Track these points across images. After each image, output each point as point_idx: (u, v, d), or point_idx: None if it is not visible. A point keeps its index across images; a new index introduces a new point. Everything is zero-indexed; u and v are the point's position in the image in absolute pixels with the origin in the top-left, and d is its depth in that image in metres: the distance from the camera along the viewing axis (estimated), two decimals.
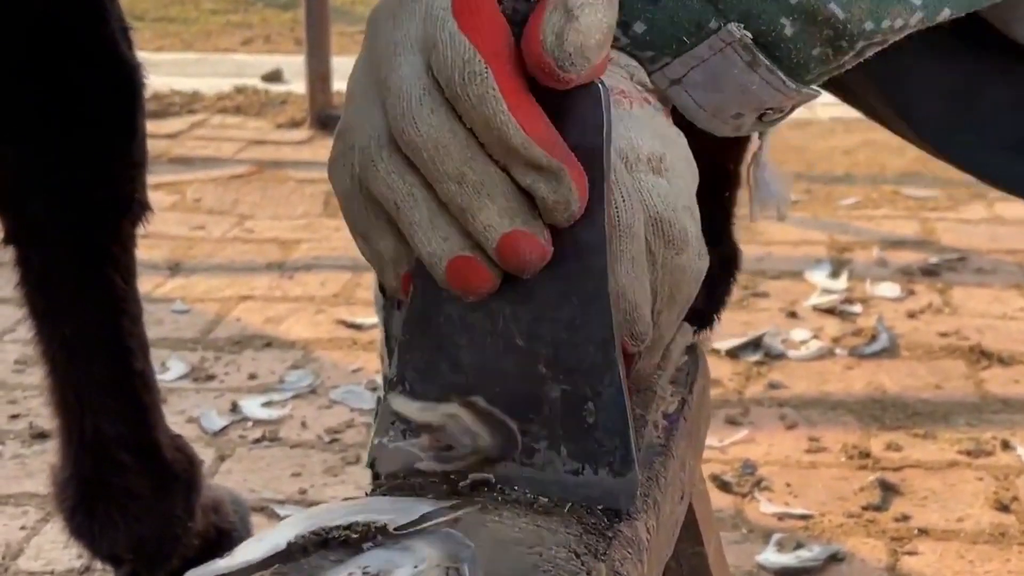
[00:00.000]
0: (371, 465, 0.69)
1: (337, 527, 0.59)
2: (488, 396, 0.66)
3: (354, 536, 0.60)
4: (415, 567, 0.56)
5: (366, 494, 0.66)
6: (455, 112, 0.61)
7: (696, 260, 0.70)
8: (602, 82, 0.63)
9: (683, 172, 0.70)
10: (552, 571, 0.58)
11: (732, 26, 0.69)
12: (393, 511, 0.61)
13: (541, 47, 0.60)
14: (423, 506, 0.62)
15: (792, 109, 0.76)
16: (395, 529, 0.59)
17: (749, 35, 0.70)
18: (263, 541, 0.59)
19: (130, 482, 1.36)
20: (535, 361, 0.65)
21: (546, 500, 0.64)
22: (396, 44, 0.64)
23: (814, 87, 0.74)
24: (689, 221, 0.69)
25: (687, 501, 0.79)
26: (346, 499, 0.64)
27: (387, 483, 0.68)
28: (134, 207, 1.31)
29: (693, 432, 0.79)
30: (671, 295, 0.70)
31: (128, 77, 1.28)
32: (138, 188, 1.31)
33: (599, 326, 0.64)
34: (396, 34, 0.64)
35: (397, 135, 0.62)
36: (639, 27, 0.71)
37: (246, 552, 0.59)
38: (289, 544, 0.59)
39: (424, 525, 0.60)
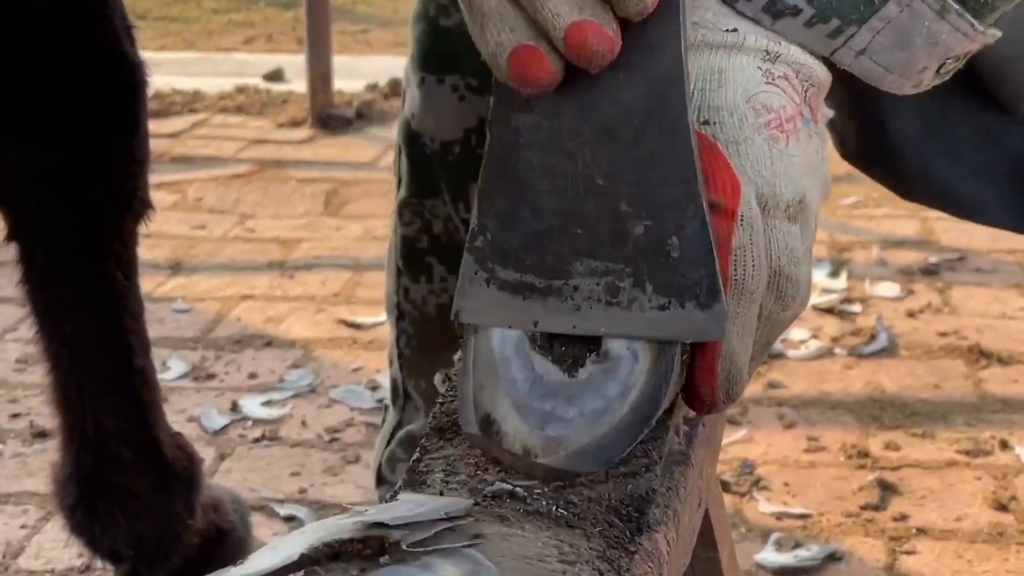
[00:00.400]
0: (456, 316, 0.68)
1: (351, 540, 0.58)
2: (571, 238, 0.65)
3: (367, 552, 0.59)
4: None
5: (385, 499, 0.65)
6: None
7: (799, 311, 0.70)
8: None
9: (815, 207, 0.69)
10: None
11: None
12: (409, 522, 0.60)
13: None
14: (441, 521, 0.61)
15: (967, 56, 0.74)
16: (409, 545, 0.58)
17: None
18: (277, 551, 0.58)
19: (131, 480, 1.37)
20: (617, 199, 0.64)
21: (567, 512, 0.63)
22: None
23: (993, 28, 0.72)
24: (805, 272, 0.69)
25: (704, 507, 0.78)
26: (360, 505, 0.62)
27: (408, 485, 0.66)
28: (136, 205, 1.31)
29: (711, 437, 0.78)
30: (765, 345, 0.71)
31: (130, 75, 1.28)
32: (140, 186, 1.31)
33: (680, 160, 0.64)
34: None
35: None
36: None
37: (259, 562, 0.58)
38: (302, 556, 0.58)
39: (444, 545, 0.59)
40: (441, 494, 0.65)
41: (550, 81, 0.63)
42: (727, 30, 0.69)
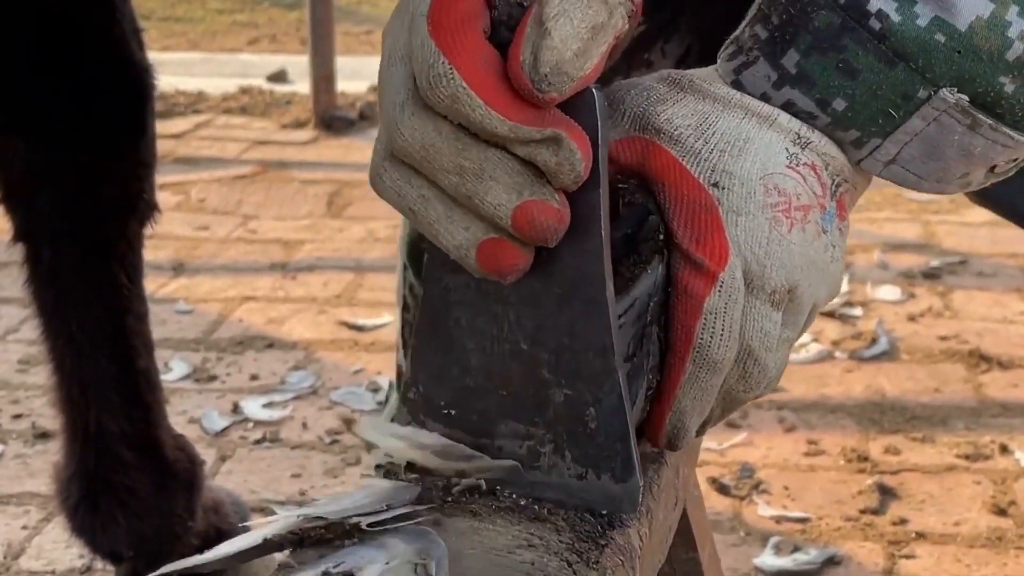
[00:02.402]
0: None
1: (314, 526, 0.60)
2: (496, 399, 0.67)
3: (328, 536, 0.60)
4: (386, 563, 0.58)
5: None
6: (437, 112, 0.61)
7: (761, 393, 0.70)
8: (597, 88, 0.63)
9: (809, 301, 0.69)
10: None
11: (944, 92, 0.66)
12: (374, 507, 0.62)
13: (520, 68, 0.60)
14: (405, 507, 0.63)
15: None
16: (368, 525, 0.60)
17: (965, 98, 0.66)
18: (245, 538, 0.61)
19: (132, 480, 1.38)
20: (539, 365, 0.66)
21: (538, 508, 0.65)
22: (390, 55, 0.65)
23: None
24: (777, 360, 0.69)
25: (680, 507, 0.79)
26: (334, 495, 0.65)
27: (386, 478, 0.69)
28: (141, 207, 1.32)
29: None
30: (720, 415, 0.71)
31: (138, 78, 1.29)
32: (146, 188, 1.32)
33: (598, 332, 0.65)
34: (389, 45, 0.65)
35: (392, 145, 0.63)
36: (839, 104, 0.67)
37: (224, 548, 0.60)
38: (265, 540, 0.60)
39: (400, 524, 0.61)
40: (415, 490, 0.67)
41: (524, 264, 0.64)
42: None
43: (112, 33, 1.26)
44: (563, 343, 0.65)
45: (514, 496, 0.66)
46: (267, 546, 0.61)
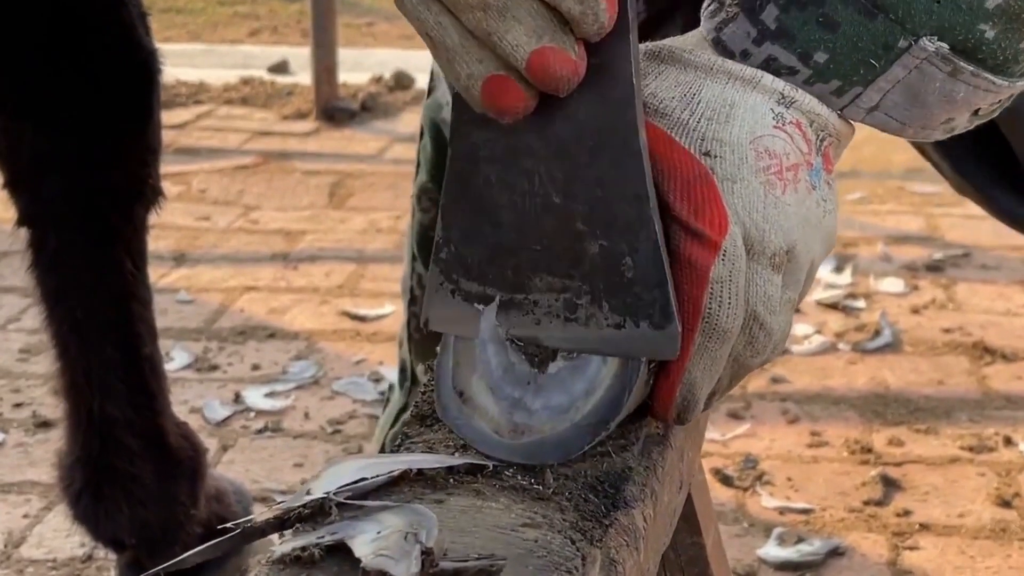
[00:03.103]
0: (426, 324, 0.70)
1: (298, 507, 0.60)
2: (529, 254, 0.66)
3: (307, 513, 0.61)
4: (378, 532, 0.58)
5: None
6: None
7: (769, 358, 0.70)
8: None
9: (807, 260, 0.69)
10: (546, 556, 0.58)
11: (924, 41, 0.66)
12: (370, 484, 0.62)
13: None
14: (405, 486, 0.63)
15: (1011, 97, 0.72)
16: (349, 499, 0.61)
17: (945, 46, 0.66)
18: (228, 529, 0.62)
19: (136, 466, 1.37)
20: (573, 218, 0.65)
21: (542, 487, 0.64)
22: None
23: None
24: (781, 322, 0.69)
25: (685, 491, 0.79)
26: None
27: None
28: (147, 192, 1.31)
29: (692, 424, 0.79)
30: (729, 384, 0.71)
31: (144, 62, 1.28)
32: (152, 174, 1.31)
33: (632, 182, 0.64)
34: None
35: None
36: (820, 57, 0.67)
37: (206, 547, 0.61)
38: (244, 528, 0.61)
39: (396, 504, 0.61)
40: (420, 472, 0.66)
41: (524, 107, 0.63)
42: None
43: (119, 18, 1.26)
44: (596, 194, 0.65)
45: (519, 476, 0.66)
46: (247, 533, 0.61)
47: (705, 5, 0.71)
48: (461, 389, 0.68)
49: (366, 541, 0.57)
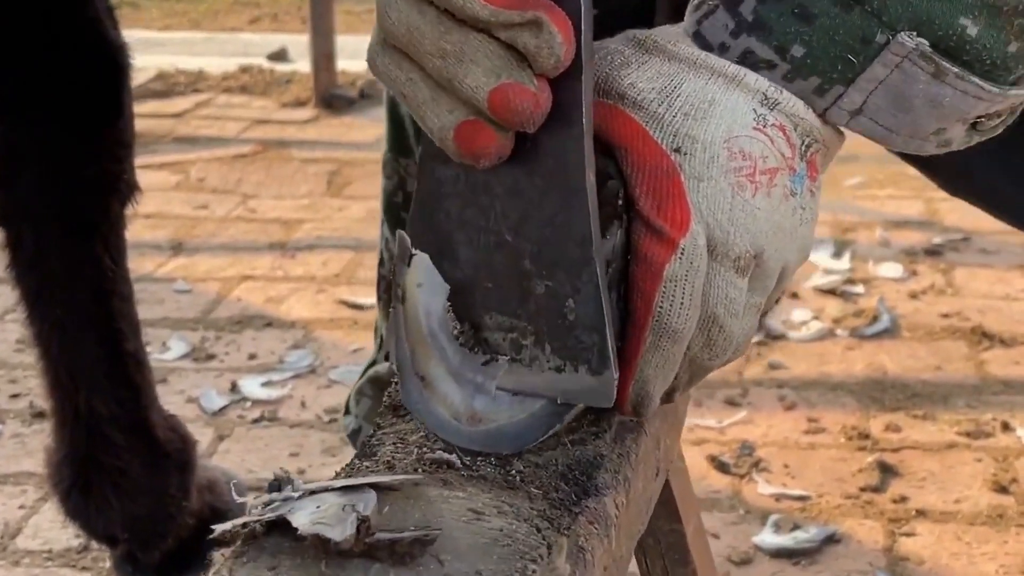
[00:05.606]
0: (387, 357, 0.72)
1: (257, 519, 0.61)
2: (482, 292, 0.67)
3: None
4: (317, 507, 0.59)
5: (335, 474, 0.67)
6: None
7: (730, 359, 0.69)
8: None
9: (776, 266, 0.67)
10: (511, 545, 0.58)
11: (903, 36, 0.64)
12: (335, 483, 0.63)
13: None
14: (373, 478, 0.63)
15: (1014, 112, 0.68)
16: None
17: (926, 42, 0.64)
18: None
19: (124, 461, 1.37)
20: (522, 257, 0.66)
21: (511, 476, 0.64)
22: None
23: (1019, 88, 0.66)
24: (743, 327, 0.68)
25: (662, 478, 0.79)
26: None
27: (360, 457, 0.68)
28: (122, 187, 1.31)
29: (670, 411, 0.78)
30: (689, 382, 0.70)
31: (113, 57, 1.28)
32: (126, 168, 1.31)
33: (578, 222, 0.64)
34: None
35: (382, 29, 0.65)
36: (797, 50, 0.66)
37: None
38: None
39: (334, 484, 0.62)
40: (389, 463, 0.66)
41: (498, 149, 0.63)
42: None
43: (85, 12, 1.25)
44: (545, 234, 0.65)
45: (490, 469, 0.65)
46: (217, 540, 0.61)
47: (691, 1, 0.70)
48: (422, 374, 0.69)
49: (305, 515, 0.58)
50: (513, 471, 0.65)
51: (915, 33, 0.64)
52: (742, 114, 0.66)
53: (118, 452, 1.35)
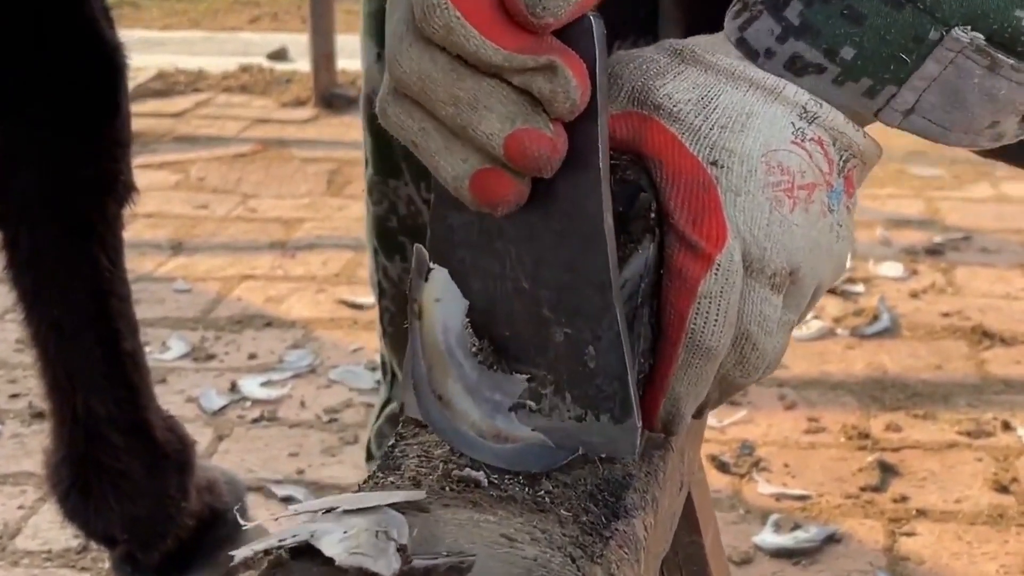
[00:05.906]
0: (401, 409, 0.70)
1: (280, 544, 0.58)
2: (499, 339, 0.65)
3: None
4: (344, 532, 0.56)
5: (358, 487, 0.65)
6: (434, 43, 0.60)
7: (761, 377, 0.68)
8: (595, 15, 0.61)
9: (811, 284, 0.66)
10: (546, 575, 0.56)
11: (957, 31, 0.63)
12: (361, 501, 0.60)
13: None
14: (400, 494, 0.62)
15: None
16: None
17: (981, 36, 0.63)
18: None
19: (123, 462, 1.37)
20: (540, 304, 0.64)
21: (540, 497, 0.63)
22: None
23: None
24: (776, 345, 0.67)
25: (685, 491, 0.77)
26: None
27: (383, 470, 0.66)
28: (119, 188, 1.31)
29: (693, 421, 0.77)
30: (719, 399, 0.69)
31: (109, 57, 1.27)
32: (123, 169, 1.30)
33: (597, 269, 0.63)
34: None
35: (393, 78, 0.62)
36: (847, 52, 0.64)
37: None
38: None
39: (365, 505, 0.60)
40: (415, 479, 0.64)
41: (516, 196, 0.62)
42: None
43: (81, 13, 1.25)
44: (563, 280, 0.63)
45: (519, 488, 0.63)
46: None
47: (730, 7, 0.68)
48: (439, 393, 0.67)
49: (334, 541, 0.56)
50: (542, 491, 0.63)
51: (969, 27, 0.63)
52: (780, 127, 0.64)
53: (117, 453, 1.35)
